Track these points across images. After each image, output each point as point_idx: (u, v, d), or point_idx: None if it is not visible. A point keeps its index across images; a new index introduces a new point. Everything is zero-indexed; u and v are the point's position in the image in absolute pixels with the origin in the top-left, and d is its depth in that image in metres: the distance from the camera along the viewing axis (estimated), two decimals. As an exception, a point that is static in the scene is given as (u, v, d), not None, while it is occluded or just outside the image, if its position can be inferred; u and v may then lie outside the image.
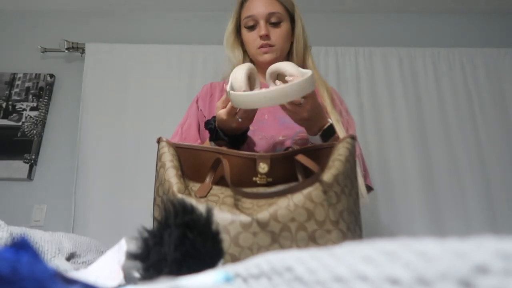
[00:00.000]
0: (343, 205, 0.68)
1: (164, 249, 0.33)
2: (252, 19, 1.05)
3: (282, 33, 1.05)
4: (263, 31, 1.02)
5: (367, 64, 2.05)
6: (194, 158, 0.79)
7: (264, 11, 1.03)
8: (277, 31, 1.05)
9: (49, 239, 0.61)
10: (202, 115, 1.09)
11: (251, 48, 1.08)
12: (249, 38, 1.07)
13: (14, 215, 1.79)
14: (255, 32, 1.05)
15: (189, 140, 1.03)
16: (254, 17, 1.04)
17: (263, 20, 1.03)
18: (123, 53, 2.06)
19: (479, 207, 1.80)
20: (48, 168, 1.94)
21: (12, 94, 2.04)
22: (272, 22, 1.04)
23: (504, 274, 0.13)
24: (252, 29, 1.06)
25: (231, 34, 1.13)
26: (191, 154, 0.79)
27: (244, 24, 1.08)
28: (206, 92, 1.14)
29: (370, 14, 2.25)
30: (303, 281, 0.18)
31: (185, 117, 1.11)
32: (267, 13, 1.03)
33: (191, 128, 1.06)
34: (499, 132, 1.94)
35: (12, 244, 0.22)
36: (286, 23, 1.07)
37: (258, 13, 1.04)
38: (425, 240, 0.16)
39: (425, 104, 1.98)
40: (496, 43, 2.16)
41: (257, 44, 1.05)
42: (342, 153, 0.73)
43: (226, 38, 1.14)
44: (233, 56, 1.12)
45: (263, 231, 0.62)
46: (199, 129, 1.07)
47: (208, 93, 1.13)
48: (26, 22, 2.22)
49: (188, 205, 0.36)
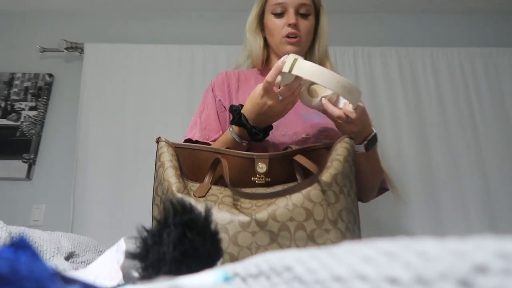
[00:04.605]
0: (342, 205, 0.68)
1: (163, 249, 0.33)
2: (282, 6, 1.02)
3: (309, 26, 1.04)
4: (293, 19, 1.00)
5: (366, 64, 2.05)
6: (193, 158, 0.79)
7: (296, 0, 1.02)
8: (304, 22, 1.03)
9: (48, 239, 0.61)
10: (221, 105, 1.05)
11: (276, 36, 1.04)
12: (275, 25, 1.04)
13: (13, 215, 1.79)
14: (283, 20, 1.03)
15: (210, 130, 1.00)
16: (284, 4, 1.02)
17: (293, 8, 1.01)
18: (122, 53, 2.05)
19: (479, 207, 1.80)
20: (47, 167, 1.93)
21: (10, 94, 2.03)
22: (301, 13, 1.03)
23: (504, 274, 0.13)
24: (280, 16, 1.03)
25: (254, 18, 1.11)
26: (190, 154, 0.79)
27: (271, 10, 1.05)
28: (223, 81, 1.10)
29: (369, 14, 2.25)
30: (302, 280, 0.18)
31: (201, 106, 1.07)
32: (299, 3, 1.02)
33: (210, 118, 1.02)
34: (498, 131, 1.94)
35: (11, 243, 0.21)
36: (312, 17, 1.05)
37: (289, 0, 1.02)
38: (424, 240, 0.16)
39: (424, 104, 1.98)
40: (495, 43, 2.16)
41: (284, 32, 1.02)
42: (341, 153, 0.73)
43: (249, 23, 1.12)
44: (253, 41, 1.10)
45: (262, 231, 0.62)
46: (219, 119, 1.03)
47: (225, 82, 1.09)
48: (24, 21, 2.21)
49: (187, 205, 0.36)
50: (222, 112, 1.04)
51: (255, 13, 1.11)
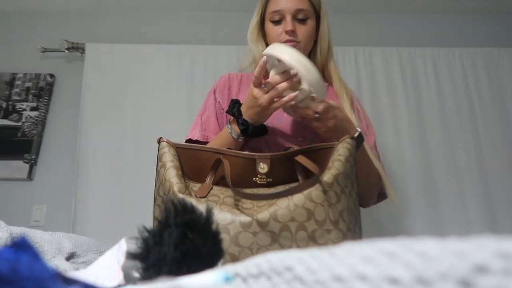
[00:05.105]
0: (343, 205, 0.68)
1: (164, 249, 0.33)
2: (279, 13, 1.03)
3: (308, 30, 1.04)
4: (289, 26, 1.01)
5: (367, 64, 2.05)
6: (194, 159, 0.79)
7: (292, 7, 1.02)
8: (303, 28, 1.03)
9: (49, 239, 0.61)
10: (220, 107, 1.08)
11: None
12: (273, 32, 1.05)
13: (14, 215, 1.79)
14: (281, 27, 1.03)
15: (209, 132, 1.03)
16: (281, 12, 1.03)
17: (290, 15, 1.02)
18: (123, 53, 2.06)
19: (479, 206, 1.79)
20: (48, 168, 1.94)
21: (12, 94, 2.03)
22: (299, 18, 1.03)
23: (504, 274, 0.13)
24: (278, 24, 1.04)
25: (255, 27, 1.12)
26: (191, 155, 0.79)
27: (269, 18, 1.06)
28: (224, 84, 1.12)
29: (370, 14, 2.25)
30: (303, 280, 0.18)
31: (203, 108, 1.10)
32: (295, 9, 1.02)
33: (210, 119, 1.06)
34: (498, 131, 1.94)
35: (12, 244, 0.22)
36: (312, 21, 1.05)
37: (285, 8, 1.02)
38: (425, 240, 0.16)
39: (425, 104, 1.98)
40: (496, 42, 2.16)
41: (282, 39, 1.03)
42: (342, 153, 0.73)
43: (250, 32, 1.13)
44: (255, 49, 1.11)
45: (263, 231, 0.62)
46: (218, 121, 1.06)
47: (226, 85, 1.12)
48: (26, 22, 2.21)
49: (189, 205, 0.36)
50: (221, 114, 1.07)
51: (255, 22, 1.12)
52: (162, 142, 0.77)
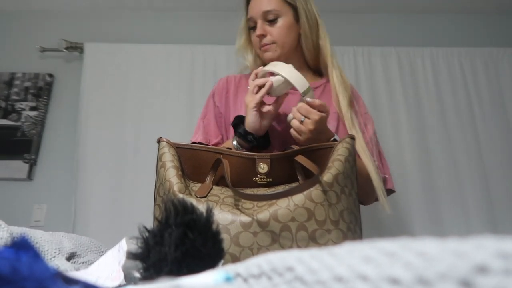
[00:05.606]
0: (343, 205, 0.68)
1: (165, 249, 0.33)
2: (252, 20, 1.05)
3: (280, 29, 1.03)
4: (258, 31, 1.03)
5: (366, 63, 2.05)
6: (194, 158, 0.79)
7: (259, 11, 1.03)
8: (274, 28, 1.03)
9: (49, 239, 0.61)
10: (219, 111, 1.09)
11: (256, 49, 1.09)
12: (253, 38, 1.08)
13: (14, 215, 1.79)
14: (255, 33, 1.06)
15: (211, 135, 1.06)
16: (252, 18, 1.05)
17: (260, 19, 1.03)
18: (122, 52, 2.05)
19: (479, 207, 1.80)
20: (48, 168, 1.94)
21: (11, 94, 2.03)
22: (269, 20, 1.03)
23: (504, 274, 0.13)
24: (254, 30, 1.06)
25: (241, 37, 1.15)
26: (191, 154, 0.79)
27: (248, 26, 1.09)
28: (222, 87, 1.14)
29: (369, 14, 2.25)
30: (304, 281, 0.18)
31: (204, 111, 1.12)
32: (262, 12, 1.02)
33: (210, 123, 1.08)
34: (498, 131, 1.94)
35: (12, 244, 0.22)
36: (285, 18, 1.03)
37: (254, 13, 1.04)
38: (425, 240, 0.16)
39: (424, 104, 1.98)
40: (495, 42, 2.16)
41: (258, 44, 1.05)
42: (342, 153, 0.73)
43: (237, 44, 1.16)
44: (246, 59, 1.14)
45: (263, 231, 0.62)
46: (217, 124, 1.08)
47: (224, 88, 1.13)
48: (24, 21, 2.21)
49: (189, 205, 0.36)
50: (219, 117, 1.09)
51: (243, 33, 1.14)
52: (162, 142, 0.77)
